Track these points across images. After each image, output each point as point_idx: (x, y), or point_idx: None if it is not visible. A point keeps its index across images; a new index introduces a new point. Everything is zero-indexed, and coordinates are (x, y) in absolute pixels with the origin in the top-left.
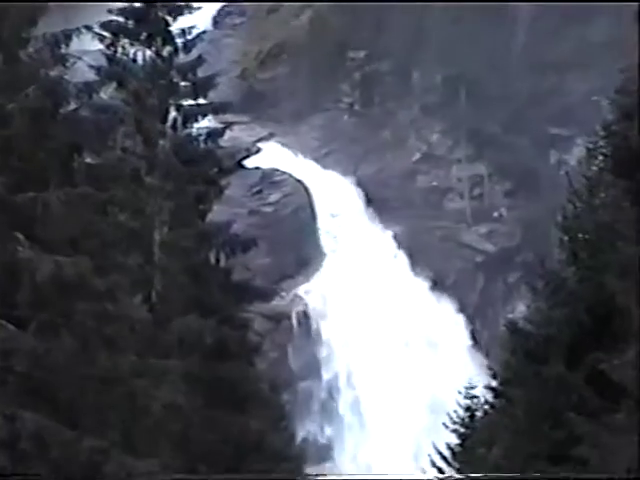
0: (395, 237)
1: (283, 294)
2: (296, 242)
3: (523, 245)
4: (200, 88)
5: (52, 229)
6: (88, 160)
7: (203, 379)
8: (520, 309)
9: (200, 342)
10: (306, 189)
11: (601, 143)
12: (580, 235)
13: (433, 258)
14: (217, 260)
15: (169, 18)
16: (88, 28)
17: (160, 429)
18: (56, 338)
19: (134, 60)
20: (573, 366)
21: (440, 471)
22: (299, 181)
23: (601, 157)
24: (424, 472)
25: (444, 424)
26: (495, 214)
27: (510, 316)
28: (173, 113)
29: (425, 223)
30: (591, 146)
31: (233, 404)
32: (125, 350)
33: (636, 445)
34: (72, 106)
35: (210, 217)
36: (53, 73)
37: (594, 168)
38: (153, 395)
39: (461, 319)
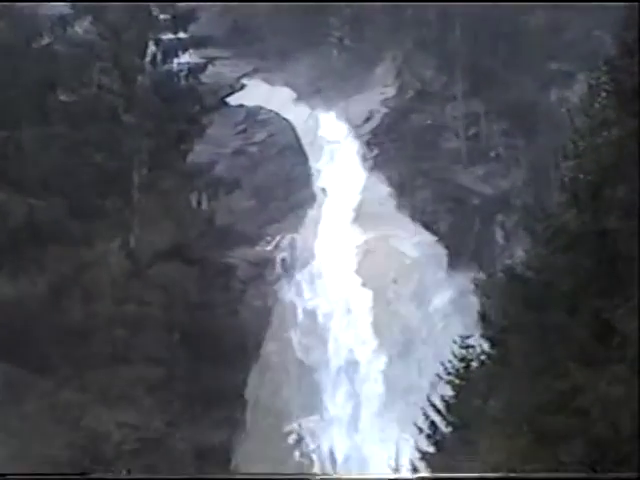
0: (389, 179)
1: (269, 239)
2: (283, 184)
3: (522, 187)
4: (180, 21)
5: (25, 170)
6: (63, 98)
7: (185, 328)
8: (519, 254)
9: (182, 290)
10: (293, 128)
11: (604, 79)
12: (581, 176)
13: (427, 200)
14: (199, 203)
15: None
16: None
17: (140, 380)
18: (29, 285)
19: None
20: (574, 314)
21: (433, 424)
22: (285, 120)
23: (604, 94)
24: (416, 425)
25: (438, 375)
26: (492, 154)
27: (508, 262)
28: (152, 48)
29: (419, 164)
30: (593, 82)
31: (215, 354)
32: (102, 298)
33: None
34: (45, 40)
35: (192, 157)
36: (25, 5)
37: (596, 105)
38: (132, 345)
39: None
